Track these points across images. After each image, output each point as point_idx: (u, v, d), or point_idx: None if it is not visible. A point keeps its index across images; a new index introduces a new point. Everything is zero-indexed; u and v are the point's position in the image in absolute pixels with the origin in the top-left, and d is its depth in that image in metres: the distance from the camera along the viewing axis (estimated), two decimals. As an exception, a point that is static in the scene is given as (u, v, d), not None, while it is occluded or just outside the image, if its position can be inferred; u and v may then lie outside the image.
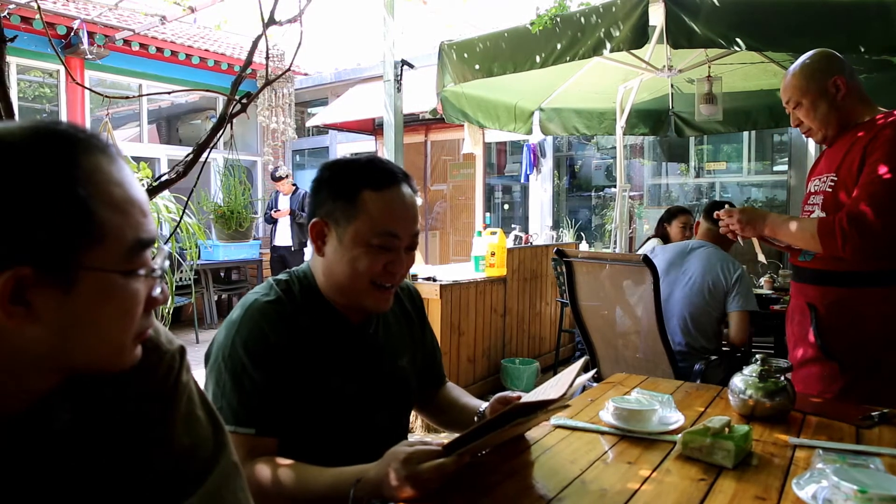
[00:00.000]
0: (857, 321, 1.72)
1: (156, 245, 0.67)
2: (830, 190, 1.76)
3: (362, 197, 1.15)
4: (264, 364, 1.12)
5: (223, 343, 1.15)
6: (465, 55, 3.33)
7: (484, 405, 1.32)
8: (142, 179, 3.00)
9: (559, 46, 2.93)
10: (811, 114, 1.81)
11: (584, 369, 1.24)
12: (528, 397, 1.18)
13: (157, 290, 0.66)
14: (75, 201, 0.57)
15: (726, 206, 1.97)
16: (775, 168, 6.97)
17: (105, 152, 0.62)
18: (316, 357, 1.18)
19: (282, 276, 1.25)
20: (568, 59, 2.93)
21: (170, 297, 2.97)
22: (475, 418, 1.31)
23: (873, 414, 1.38)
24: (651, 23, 2.72)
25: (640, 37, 2.66)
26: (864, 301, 1.71)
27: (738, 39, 2.53)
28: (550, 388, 1.15)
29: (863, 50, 2.44)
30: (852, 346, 1.73)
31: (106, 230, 0.59)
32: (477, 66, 3.28)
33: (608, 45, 2.76)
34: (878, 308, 1.69)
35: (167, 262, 0.68)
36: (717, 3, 2.56)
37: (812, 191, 1.87)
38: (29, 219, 0.55)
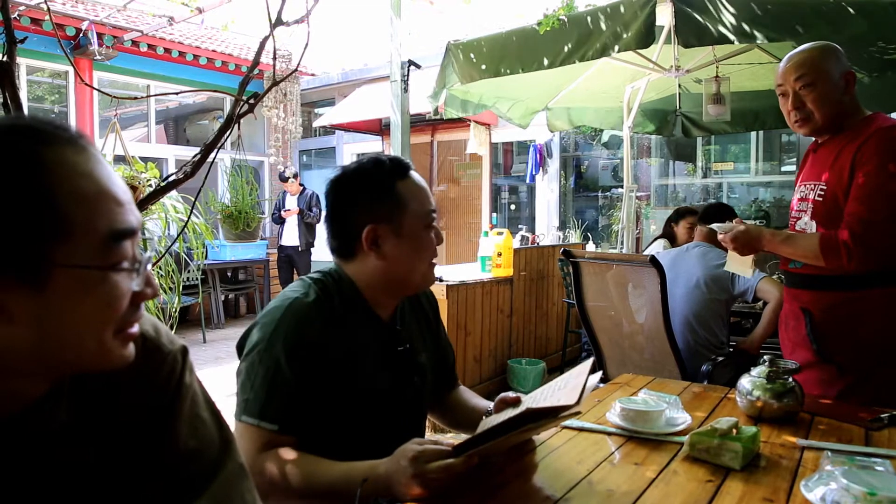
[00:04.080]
0: (853, 324, 1.71)
1: (158, 235, 0.65)
2: (820, 199, 1.74)
3: (398, 189, 1.22)
4: (300, 363, 1.13)
5: (260, 338, 1.15)
6: (472, 55, 3.32)
7: (491, 405, 1.32)
8: (149, 180, 3.01)
9: (567, 47, 2.92)
10: (821, 100, 1.72)
11: (592, 370, 1.24)
12: (532, 396, 1.17)
13: (145, 284, 0.64)
14: (38, 197, 0.55)
15: (732, 221, 1.91)
16: (783, 168, 6.94)
17: (72, 143, 0.59)
18: (352, 353, 1.20)
19: (316, 276, 1.27)
20: (576, 59, 2.92)
21: (169, 291, 2.96)
22: (483, 418, 1.31)
23: (882, 416, 1.37)
24: (659, 23, 2.71)
25: (647, 36, 2.65)
26: (860, 304, 1.70)
27: (750, 33, 2.50)
28: (558, 391, 1.14)
29: (882, 44, 2.40)
30: (850, 349, 1.72)
31: (74, 225, 0.57)
32: (484, 67, 3.27)
33: (616, 46, 2.75)
34: (875, 310, 1.69)
35: (149, 254, 0.65)
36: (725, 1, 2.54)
37: (799, 197, 1.85)
38: None
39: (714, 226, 1.96)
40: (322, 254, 1.41)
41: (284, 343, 1.13)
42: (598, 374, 1.52)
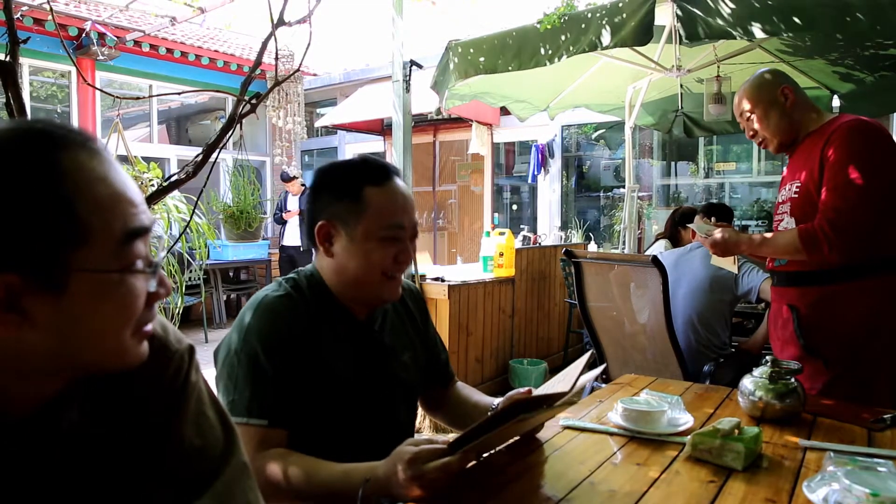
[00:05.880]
0: (838, 317, 1.76)
1: (164, 236, 0.65)
2: (796, 196, 1.83)
3: (366, 194, 1.19)
4: (277, 355, 1.14)
5: (236, 336, 1.16)
6: (473, 54, 3.32)
7: (497, 401, 1.32)
8: (152, 180, 3.02)
9: (563, 40, 2.92)
10: (763, 122, 1.90)
11: (590, 366, 1.25)
12: (537, 392, 1.18)
13: (158, 284, 0.65)
14: (57, 203, 0.55)
15: (704, 216, 2.01)
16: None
17: (86, 147, 0.59)
18: (324, 350, 1.20)
19: (290, 275, 1.27)
20: (572, 51, 2.91)
21: (172, 291, 2.97)
22: (488, 414, 1.31)
23: (885, 416, 1.37)
24: (661, 22, 2.71)
25: (644, 34, 2.65)
26: (843, 296, 1.75)
27: (751, 29, 2.50)
28: (558, 384, 1.15)
29: (882, 41, 2.41)
30: (835, 341, 1.76)
31: (92, 230, 0.57)
32: (482, 64, 3.27)
33: (611, 40, 2.74)
34: (858, 301, 1.73)
35: (162, 254, 0.66)
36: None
37: (780, 200, 1.94)
38: (9, 225, 0.53)
39: (692, 226, 2.03)
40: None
41: (259, 337, 1.14)
42: (598, 370, 1.53)
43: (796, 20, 2.48)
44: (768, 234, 1.86)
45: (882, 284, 1.73)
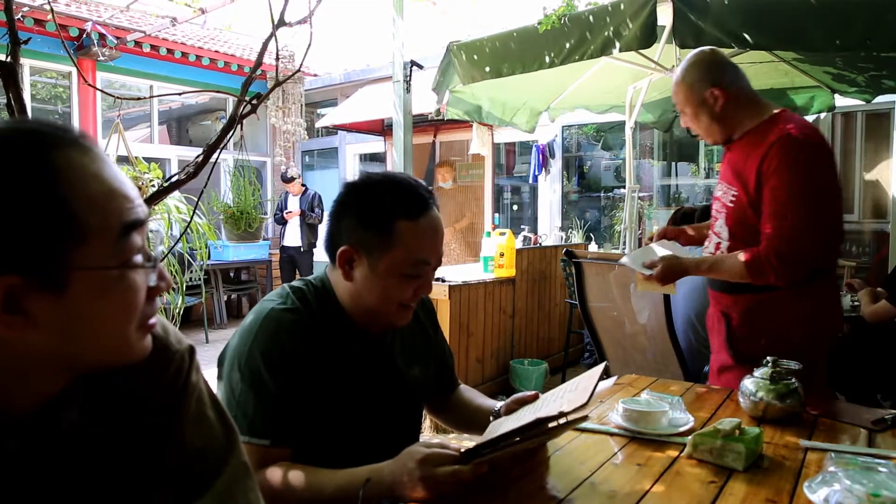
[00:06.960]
0: (770, 325, 1.73)
1: (163, 235, 0.65)
2: (732, 205, 1.78)
3: (397, 228, 1.13)
4: (281, 373, 1.10)
5: (239, 351, 1.13)
6: (474, 56, 3.32)
7: (499, 405, 1.32)
8: (152, 180, 3.02)
9: (568, 46, 2.92)
10: (694, 122, 1.84)
11: (604, 375, 1.23)
12: (544, 399, 1.17)
13: (158, 278, 0.65)
14: (53, 203, 0.55)
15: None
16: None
17: (77, 145, 0.59)
18: (331, 367, 1.17)
19: (297, 284, 1.23)
20: (577, 58, 2.91)
21: (173, 291, 2.97)
22: (490, 418, 1.31)
23: (886, 417, 1.37)
24: (660, 22, 2.71)
25: (648, 36, 2.65)
26: (776, 305, 1.72)
27: (747, 38, 2.51)
28: (568, 393, 1.14)
29: (872, 45, 2.41)
30: (765, 350, 1.69)
31: (89, 227, 0.57)
32: (487, 69, 3.27)
33: (617, 45, 2.75)
34: (791, 310, 1.71)
35: (161, 247, 0.66)
36: (725, 2, 2.54)
37: (716, 195, 1.89)
38: (8, 227, 0.53)
39: (624, 261, 1.95)
40: (324, 254, 1.38)
41: (262, 353, 1.10)
42: (613, 379, 1.52)
43: (791, 36, 2.50)
44: (713, 260, 1.80)
45: (816, 291, 1.71)
